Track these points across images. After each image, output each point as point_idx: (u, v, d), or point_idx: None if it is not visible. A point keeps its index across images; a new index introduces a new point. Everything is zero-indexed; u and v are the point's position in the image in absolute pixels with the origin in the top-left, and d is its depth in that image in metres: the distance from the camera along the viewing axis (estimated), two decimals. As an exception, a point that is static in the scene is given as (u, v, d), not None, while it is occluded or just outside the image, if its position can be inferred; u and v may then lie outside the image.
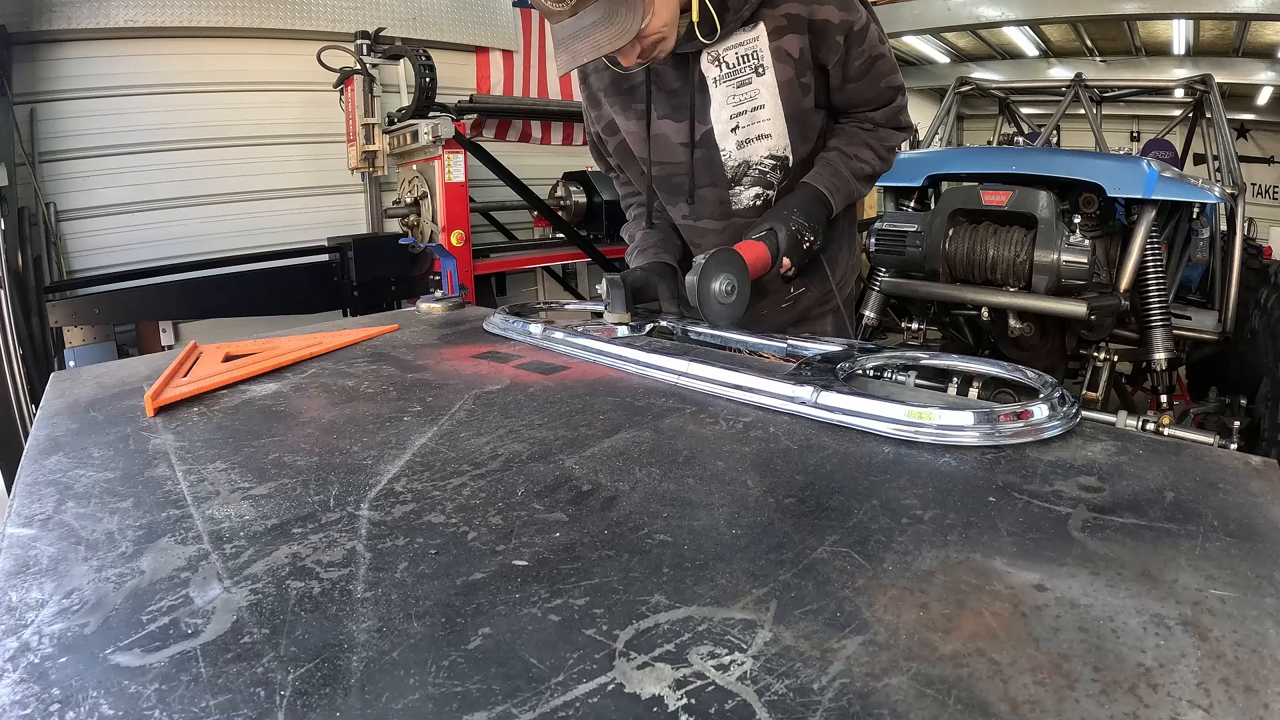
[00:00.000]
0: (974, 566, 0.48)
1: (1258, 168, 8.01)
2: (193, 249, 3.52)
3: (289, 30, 3.76)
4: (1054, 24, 6.56)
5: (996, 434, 0.66)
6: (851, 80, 1.22)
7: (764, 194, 1.28)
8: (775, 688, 0.37)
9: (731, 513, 0.55)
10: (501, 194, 4.04)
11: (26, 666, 0.39)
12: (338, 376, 0.95)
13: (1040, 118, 5.45)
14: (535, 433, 0.72)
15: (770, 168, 1.26)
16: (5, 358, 2.61)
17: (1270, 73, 6.69)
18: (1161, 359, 2.82)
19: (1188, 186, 3.08)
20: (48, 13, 3.11)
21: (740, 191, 1.29)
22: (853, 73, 1.21)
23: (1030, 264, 2.82)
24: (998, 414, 0.67)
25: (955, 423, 0.67)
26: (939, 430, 0.67)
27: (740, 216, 1.31)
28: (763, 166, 1.26)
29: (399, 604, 0.44)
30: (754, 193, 1.29)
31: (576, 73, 1.31)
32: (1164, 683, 0.37)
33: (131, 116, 3.42)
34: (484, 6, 4.45)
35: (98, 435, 0.75)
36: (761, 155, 1.25)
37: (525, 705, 0.36)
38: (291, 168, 3.91)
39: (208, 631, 0.42)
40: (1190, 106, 4.38)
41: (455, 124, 3.43)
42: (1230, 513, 0.54)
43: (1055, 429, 0.68)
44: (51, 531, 0.54)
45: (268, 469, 0.65)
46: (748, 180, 1.28)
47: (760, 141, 1.24)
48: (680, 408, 0.79)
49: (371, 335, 1.17)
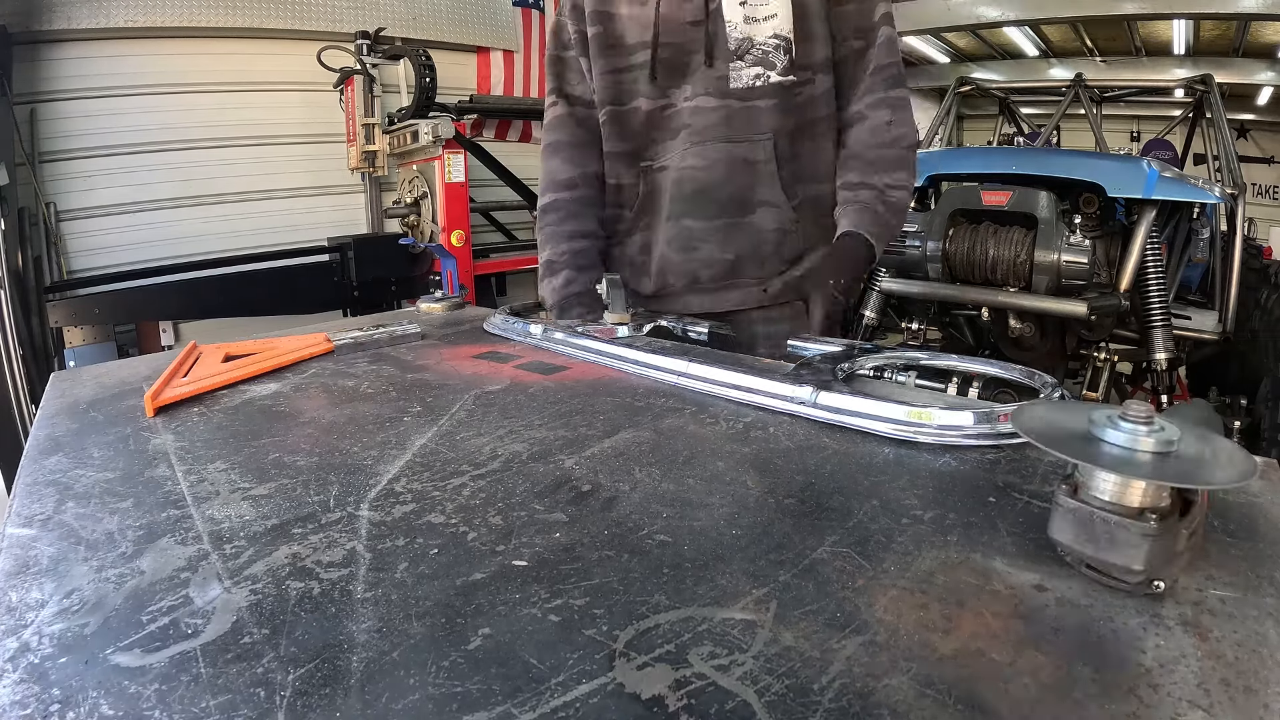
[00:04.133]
0: (974, 567, 0.48)
1: (1258, 168, 8.01)
2: (193, 249, 3.53)
3: (289, 30, 3.76)
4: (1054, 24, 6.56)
5: (996, 434, 0.66)
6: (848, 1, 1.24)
7: (764, 75, 1.27)
8: (775, 688, 0.37)
9: (731, 513, 0.55)
10: (501, 194, 4.05)
11: (26, 667, 0.39)
12: (338, 377, 0.95)
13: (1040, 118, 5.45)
14: (535, 433, 0.72)
15: (774, 47, 1.25)
16: (5, 358, 2.61)
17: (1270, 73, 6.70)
18: (1162, 359, 2.83)
19: (1188, 186, 3.08)
20: (48, 13, 3.11)
21: (741, 68, 1.27)
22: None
23: (1030, 264, 2.82)
24: (997, 414, 0.67)
25: (955, 423, 0.67)
26: (938, 431, 0.67)
27: (736, 97, 1.28)
28: (766, 46, 1.25)
29: (399, 604, 0.44)
30: (754, 72, 1.27)
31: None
32: (1164, 683, 0.37)
33: (131, 116, 3.42)
34: (484, 6, 4.46)
35: (98, 435, 0.75)
36: (766, 35, 1.25)
37: (525, 705, 0.36)
38: (292, 168, 3.91)
39: (208, 632, 0.42)
40: (1190, 106, 4.38)
41: (455, 124, 3.43)
42: (1230, 513, 0.54)
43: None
44: (51, 531, 0.54)
45: (268, 469, 0.65)
46: (749, 58, 1.26)
47: (766, 22, 1.24)
48: (680, 408, 0.79)
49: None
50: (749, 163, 1.30)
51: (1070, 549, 0.46)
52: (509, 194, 3.87)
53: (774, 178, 1.30)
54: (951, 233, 3.02)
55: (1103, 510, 0.43)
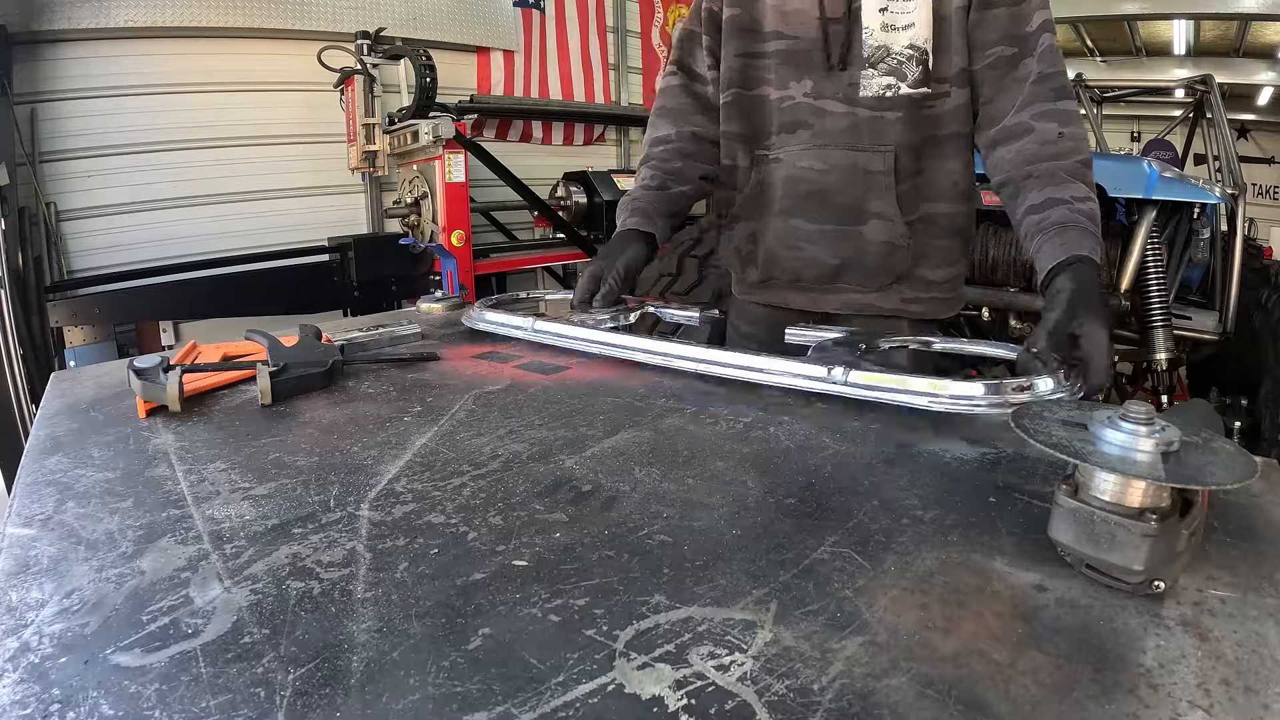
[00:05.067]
0: (974, 567, 0.48)
1: (1258, 168, 8.00)
2: (193, 249, 3.52)
3: (289, 30, 3.75)
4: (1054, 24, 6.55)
5: (1005, 404, 0.73)
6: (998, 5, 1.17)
7: (895, 86, 1.23)
8: (775, 688, 0.37)
9: (731, 513, 0.55)
10: (501, 194, 4.04)
11: (26, 666, 0.39)
12: (337, 376, 0.95)
13: (1040, 118, 5.43)
14: (535, 433, 0.72)
15: (908, 58, 1.22)
16: (5, 358, 2.61)
17: (1270, 73, 6.70)
18: (1162, 359, 2.82)
19: (1188, 187, 3.08)
20: (48, 13, 3.11)
21: (872, 77, 1.24)
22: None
23: (1030, 264, 2.82)
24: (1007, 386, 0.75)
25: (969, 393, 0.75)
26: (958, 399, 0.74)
27: (865, 106, 1.25)
28: (900, 56, 1.22)
29: (399, 604, 0.44)
30: (885, 82, 1.24)
31: None
32: (1164, 683, 0.37)
33: (131, 116, 3.41)
34: (484, 6, 4.45)
35: (98, 435, 0.75)
36: (902, 45, 1.21)
37: (525, 705, 0.36)
38: (292, 168, 3.91)
39: (208, 631, 0.42)
40: (1191, 107, 4.38)
41: (456, 124, 3.42)
42: (1230, 513, 0.54)
43: (1061, 395, 0.76)
44: (51, 531, 0.54)
45: (268, 469, 0.65)
46: (883, 67, 1.23)
47: (904, 31, 1.21)
48: (680, 408, 0.79)
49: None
50: (868, 173, 1.28)
51: (1070, 549, 0.46)
52: (509, 194, 3.86)
53: (890, 191, 1.28)
54: (952, 233, 3.02)
55: (1103, 510, 0.43)
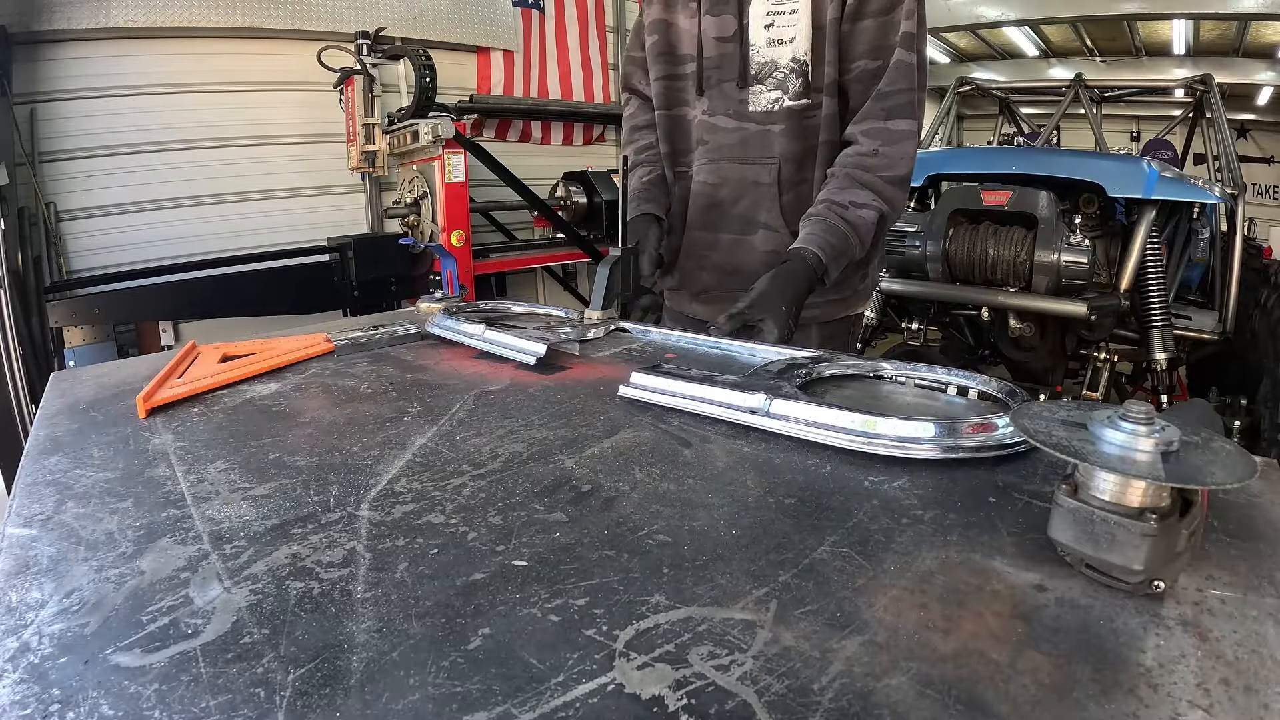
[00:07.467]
0: (974, 567, 0.48)
1: (1258, 168, 8.01)
2: (193, 249, 3.52)
3: (289, 30, 3.75)
4: (1054, 24, 6.57)
5: (959, 449, 0.62)
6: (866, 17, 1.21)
7: (780, 99, 1.28)
8: (775, 688, 0.37)
9: (731, 513, 0.55)
10: (501, 194, 4.04)
11: (26, 667, 0.39)
12: (338, 377, 0.95)
13: (1040, 118, 5.45)
14: (535, 433, 0.72)
15: (790, 71, 1.27)
16: (5, 358, 2.61)
17: (1270, 73, 6.70)
18: (1162, 359, 2.83)
19: (1188, 186, 3.09)
20: (48, 13, 3.11)
21: (760, 92, 1.30)
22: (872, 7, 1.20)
23: (1030, 264, 2.82)
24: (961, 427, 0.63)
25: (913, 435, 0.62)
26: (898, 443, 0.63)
27: (753, 120, 1.31)
28: (785, 69, 1.27)
29: (399, 604, 0.44)
30: (772, 96, 1.29)
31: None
32: (1164, 683, 0.37)
33: (131, 116, 3.41)
34: (484, 6, 4.45)
35: (98, 435, 0.75)
36: (786, 59, 1.26)
37: (525, 705, 0.36)
38: (291, 168, 3.91)
39: (208, 632, 0.42)
40: (1190, 106, 4.38)
41: (455, 124, 3.42)
42: (1230, 513, 0.54)
43: (1020, 447, 0.62)
44: (51, 531, 0.54)
45: (268, 469, 0.65)
46: (770, 81, 1.28)
47: (788, 45, 1.25)
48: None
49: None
50: (756, 185, 1.34)
51: (1070, 549, 0.46)
52: (509, 194, 3.86)
53: (775, 202, 1.33)
54: (951, 233, 3.02)
55: (1103, 510, 0.43)
